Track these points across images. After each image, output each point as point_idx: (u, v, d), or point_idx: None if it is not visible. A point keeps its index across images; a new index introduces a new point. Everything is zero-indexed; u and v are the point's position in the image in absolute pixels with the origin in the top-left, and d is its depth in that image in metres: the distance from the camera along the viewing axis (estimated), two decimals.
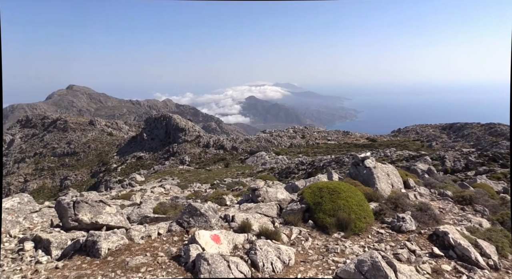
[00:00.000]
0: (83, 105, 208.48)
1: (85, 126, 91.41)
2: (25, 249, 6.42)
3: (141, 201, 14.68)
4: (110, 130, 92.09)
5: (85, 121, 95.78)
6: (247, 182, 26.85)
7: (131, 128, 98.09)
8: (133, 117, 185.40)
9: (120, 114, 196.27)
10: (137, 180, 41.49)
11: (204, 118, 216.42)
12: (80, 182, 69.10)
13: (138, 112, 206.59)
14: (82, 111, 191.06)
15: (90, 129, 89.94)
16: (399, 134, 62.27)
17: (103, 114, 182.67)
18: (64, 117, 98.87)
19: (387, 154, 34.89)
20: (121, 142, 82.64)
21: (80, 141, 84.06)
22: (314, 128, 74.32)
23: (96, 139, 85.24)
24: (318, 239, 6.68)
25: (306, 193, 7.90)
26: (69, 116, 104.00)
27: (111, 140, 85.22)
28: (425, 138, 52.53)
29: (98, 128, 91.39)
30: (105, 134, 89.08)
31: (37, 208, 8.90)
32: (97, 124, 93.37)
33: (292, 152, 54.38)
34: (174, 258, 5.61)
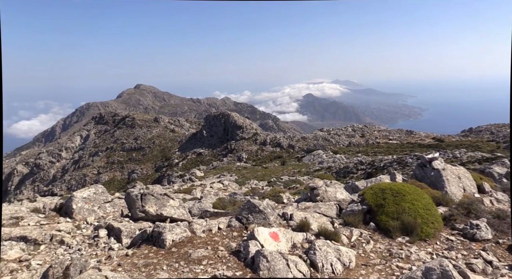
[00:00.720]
0: (149, 103, 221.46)
1: (150, 123, 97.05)
2: (99, 235, 6.98)
3: (201, 195, 15.23)
4: (173, 127, 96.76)
5: (150, 119, 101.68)
6: (304, 180, 26.62)
7: (192, 126, 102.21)
8: (194, 115, 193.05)
9: (181, 112, 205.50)
10: (197, 175, 43.13)
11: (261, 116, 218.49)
12: (145, 175, 73.61)
13: (198, 110, 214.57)
14: (147, 109, 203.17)
15: (155, 126, 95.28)
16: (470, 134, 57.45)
17: (166, 112, 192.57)
18: (132, 115, 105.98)
19: (456, 155, 32.39)
20: (182, 138, 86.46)
21: (145, 137, 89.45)
22: (374, 127, 71.39)
23: (160, 135, 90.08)
24: (380, 242, 6.40)
25: (368, 193, 7.60)
26: (136, 114, 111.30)
27: (173, 136, 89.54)
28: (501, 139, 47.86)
29: (162, 125, 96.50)
30: (168, 131, 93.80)
31: (110, 199, 9.63)
32: (161, 121, 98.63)
33: (351, 151, 52.79)
34: (234, 253, 5.72)
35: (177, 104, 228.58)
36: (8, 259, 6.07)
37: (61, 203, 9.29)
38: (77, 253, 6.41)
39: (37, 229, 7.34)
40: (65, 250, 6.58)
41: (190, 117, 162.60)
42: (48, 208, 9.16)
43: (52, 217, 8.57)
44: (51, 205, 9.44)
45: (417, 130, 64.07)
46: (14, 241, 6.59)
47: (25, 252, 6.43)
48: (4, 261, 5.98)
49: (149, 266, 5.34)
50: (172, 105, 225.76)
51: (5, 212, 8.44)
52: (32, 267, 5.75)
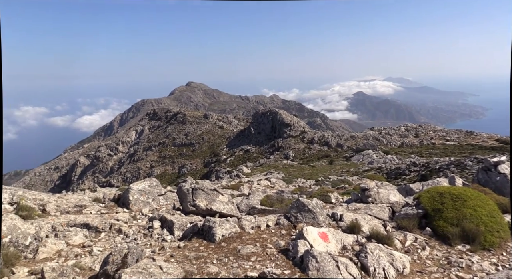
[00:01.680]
0: (199, 100, 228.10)
1: (200, 120, 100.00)
2: (153, 227, 7.32)
3: (249, 192, 15.40)
4: (221, 124, 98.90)
5: (200, 115, 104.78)
6: (352, 180, 25.93)
7: (240, 123, 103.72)
8: (242, 112, 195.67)
9: (230, 109, 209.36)
10: (244, 172, 43.70)
11: (309, 114, 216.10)
12: (194, 170, 76.07)
13: (247, 107, 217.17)
14: (198, 106, 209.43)
15: (204, 123, 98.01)
16: None
17: (216, 109, 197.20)
18: (183, 111, 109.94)
19: None
20: (230, 135, 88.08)
21: (195, 133, 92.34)
22: (430, 127, 67.59)
23: (209, 132, 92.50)
24: (437, 249, 6.03)
25: (424, 197, 7.20)
26: (187, 110, 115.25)
27: (222, 133, 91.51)
28: None
29: (211, 122, 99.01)
30: (217, 127, 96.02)
31: (163, 192, 10.06)
32: (210, 118, 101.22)
33: (403, 151, 50.48)
34: (282, 251, 5.71)
35: (226, 102, 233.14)
36: (73, 244, 6.57)
37: (119, 194, 9.87)
38: (133, 242, 6.78)
39: (98, 217, 7.86)
40: (122, 239, 6.98)
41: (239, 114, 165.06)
42: (107, 198, 9.78)
43: (111, 207, 9.13)
44: (110, 195, 10.07)
45: (479, 131, 59.59)
46: (79, 227, 7.12)
47: (88, 238, 6.92)
48: (69, 246, 6.49)
49: (200, 259, 5.49)
50: (221, 103, 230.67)
51: (70, 200, 9.14)
52: (93, 253, 6.18)
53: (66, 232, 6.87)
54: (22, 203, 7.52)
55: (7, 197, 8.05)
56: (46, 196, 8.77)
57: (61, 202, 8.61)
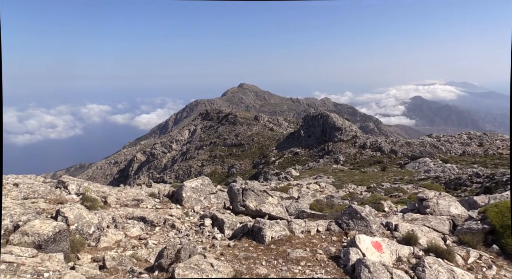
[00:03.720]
0: (250, 102, 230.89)
1: (251, 121, 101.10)
2: (205, 224, 7.51)
3: (298, 195, 15.26)
4: (271, 125, 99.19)
5: (251, 117, 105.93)
6: (407, 189, 24.69)
7: (290, 125, 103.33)
8: (292, 114, 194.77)
9: (280, 111, 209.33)
10: (292, 175, 43.45)
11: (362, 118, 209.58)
12: (243, 170, 77.03)
13: (297, 110, 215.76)
14: (249, 107, 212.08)
15: (255, 124, 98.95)
16: None
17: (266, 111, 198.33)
18: (234, 112, 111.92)
19: None
20: (280, 137, 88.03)
21: (245, 134, 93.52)
22: (496, 136, 62.31)
23: (259, 133, 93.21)
24: (506, 269, 5.52)
25: (491, 211, 6.63)
26: (238, 112, 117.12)
27: (271, 135, 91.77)
28: None
29: (261, 123, 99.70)
30: (267, 129, 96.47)
31: (214, 190, 10.30)
32: (261, 119, 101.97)
33: (465, 161, 47.04)
34: (333, 258, 5.57)
35: (276, 104, 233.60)
36: (131, 236, 6.94)
37: (173, 191, 10.27)
38: (185, 238, 7.01)
39: (153, 212, 8.23)
40: (175, 234, 7.25)
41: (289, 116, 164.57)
42: (162, 194, 10.22)
43: (165, 203, 9.53)
44: (164, 191, 10.51)
45: None
46: (136, 220, 7.51)
47: (144, 231, 7.28)
48: (128, 237, 6.87)
49: (249, 259, 5.52)
50: (272, 104, 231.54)
51: (128, 194, 9.68)
52: (149, 246, 6.48)
53: (124, 224, 7.28)
54: (87, 194, 8.10)
55: (74, 187, 8.73)
56: (107, 189, 9.38)
57: (121, 195, 9.14)
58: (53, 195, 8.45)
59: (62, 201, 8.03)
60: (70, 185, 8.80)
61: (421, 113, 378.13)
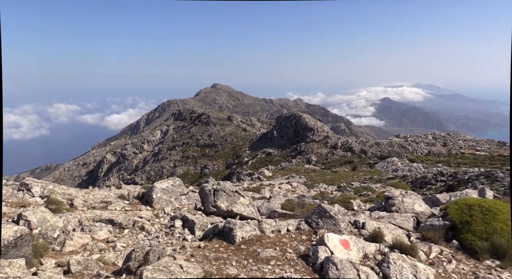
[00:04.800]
0: (223, 102, 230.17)
1: (224, 122, 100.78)
2: (175, 226, 7.42)
3: (270, 195, 15.37)
4: (245, 126, 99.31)
5: (224, 117, 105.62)
6: (376, 187, 25.42)
7: (263, 125, 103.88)
8: (265, 115, 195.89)
9: (254, 112, 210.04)
10: (265, 175, 43.67)
11: (333, 119, 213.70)
12: (216, 171, 76.63)
13: (270, 110, 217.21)
14: (222, 107, 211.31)
15: (228, 124, 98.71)
16: None
17: (239, 111, 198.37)
18: (207, 113, 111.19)
19: None
20: (253, 137, 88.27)
21: (219, 134, 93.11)
22: (459, 136, 65.31)
23: (232, 133, 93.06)
24: (464, 263, 5.82)
25: (451, 208, 6.97)
26: (212, 112, 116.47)
27: (244, 135, 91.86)
28: None
29: (235, 124, 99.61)
30: (240, 129, 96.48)
31: (185, 191, 10.20)
32: (234, 120, 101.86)
33: (430, 160, 48.98)
34: (302, 256, 5.66)
35: (250, 104, 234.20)
36: (98, 239, 6.76)
37: (143, 192, 10.08)
38: (155, 240, 6.90)
39: (122, 214, 8.06)
40: (145, 236, 7.13)
41: (262, 117, 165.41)
42: (131, 195, 10.01)
43: (135, 204, 9.34)
44: (134, 193, 10.30)
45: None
46: (104, 223, 7.32)
47: (112, 234, 7.11)
48: (94, 240, 6.68)
49: (219, 260, 5.52)
50: (245, 105, 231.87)
51: (96, 196, 9.42)
52: (117, 249, 6.33)
53: (91, 227, 7.08)
54: (52, 197, 7.82)
55: (38, 190, 8.39)
56: (74, 191, 9.08)
57: (88, 197, 8.88)
58: (15, 198, 8.10)
59: (25, 204, 7.71)
60: (33, 187, 8.46)
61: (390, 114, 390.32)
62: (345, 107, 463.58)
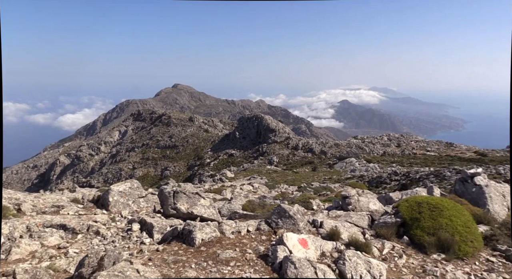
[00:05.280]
0: (185, 102, 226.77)
1: (185, 122, 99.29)
2: (132, 229, 7.21)
3: (231, 196, 15.35)
4: (207, 127, 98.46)
5: (186, 118, 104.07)
6: (335, 187, 26.17)
7: (225, 127, 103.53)
8: (228, 116, 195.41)
9: (216, 113, 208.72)
10: (227, 176, 43.55)
11: (294, 120, 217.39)
12: (177, 173, 75.30)
13: (233, 112, 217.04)
14: (183, 108, 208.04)
15: (189, 125, 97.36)
16: None
17: (201, 112, 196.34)
18: (168, 113, 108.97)
19: (500, 172, 30.55)
20: (215, 138, 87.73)
21: (180, 136, 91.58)
22: (411, 137, 68.95)
23: (194, 135, 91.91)
24: (413, 257, 6.15)
25: (403, 206, 7.34)
26: (173, 113, 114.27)
27: (206, 136, 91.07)
28: None
29: (196, 124, 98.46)
30: (202, 130, 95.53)
31: (143, 194, 9.93)
32: (196, 121, 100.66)
33: (385, 160, 51.27)
34: (262, 256, 5.71)
35: (212, 105, 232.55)
36: (48, 245, 6.41)
37: (98, 195, 9.69)
38: (111, 244, 6.66)
39: (76, 218, 7.70)
40: (100, 241, 6.86)
41: (224, 118, 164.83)
42: (86, 199, 9.59)
43: (89, 208, 8.96)
44: (89, 196, 9.88)
45: (458, 143, 61.14)
46: (55, 228, 6.96)
47: (64, 239, 6.77)
48: (44, 247, 6.33)
49: (178, 263, 5.44)
50: (207, 106, 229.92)
51: (47, 200, 8.92)
52: (69, 255, 6.04)
53: (41, 233, 6.70)
54: None
55: None
56: (22, 195, 8.55)
57: (38, 202, 8.40)
58: None
59: None
60: None
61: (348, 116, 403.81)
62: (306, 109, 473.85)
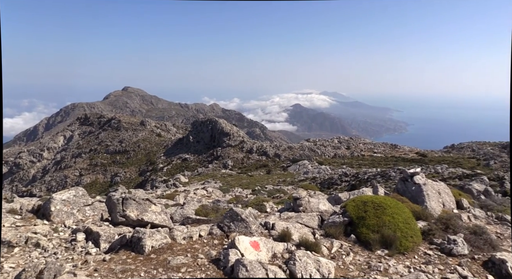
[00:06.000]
0: (136, 106, 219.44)
1: (137, 127, 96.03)
2: (77, 239, 6.83)
3: (184, 202, 15.09)
4: (159, 131, 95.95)
5: (137, 122, 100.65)
6: (288, 190, 26.66)
7: (179, 131, 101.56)
8: (181, 120, 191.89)
9: (169, 116, 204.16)
10: (181, 181, 42.75)
11: (248, 124, 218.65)
12: (128, 179, 72.53)
13: (186, 115, 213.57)
14: (134, 112, 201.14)
15: (141, 130, 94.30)
16: (452, 150, 58.67)
17: (154, 116, 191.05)
18: (118, 117, 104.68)
19: (438, 171, 32.98)
20: (168, 143, 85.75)
21: (131, 140, 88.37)
22: (360, 140, 72.23)
23: (146, 139, 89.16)
24: (360, 254, 6.45)
25: (350, 206, 7.67)
26: (123, 116, 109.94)
27: (159, 141, 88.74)
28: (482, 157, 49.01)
29: (148, 129, 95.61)
30: (154, 135, 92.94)
31: (90, 202, 9.45)
32: (148, 125, 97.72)
33: (336, 162, 53.23)
34: (214, 261, 5.68)
35: (164, 109, 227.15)
36: None
37: (39, 205, 9.07)
38: (52, 256, 6.26)
39: (12, 230, 7.14)
40: (40, 254, 6.41)
41: (177, 122, 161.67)
42: (25, 209, 8.93)
43: (28, 219, 8.36)
44: (28, 206, 9.20)
45: (402, 145, 65.12)
46: None
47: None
48: None
49: (126, 272, 5.25)
50: (159, 109, 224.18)
51: None
52: (4, 270, 5.58)
53: None
54: None
55: None
56: None
57: None
58: None
59: None
60: None
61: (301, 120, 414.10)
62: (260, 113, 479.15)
